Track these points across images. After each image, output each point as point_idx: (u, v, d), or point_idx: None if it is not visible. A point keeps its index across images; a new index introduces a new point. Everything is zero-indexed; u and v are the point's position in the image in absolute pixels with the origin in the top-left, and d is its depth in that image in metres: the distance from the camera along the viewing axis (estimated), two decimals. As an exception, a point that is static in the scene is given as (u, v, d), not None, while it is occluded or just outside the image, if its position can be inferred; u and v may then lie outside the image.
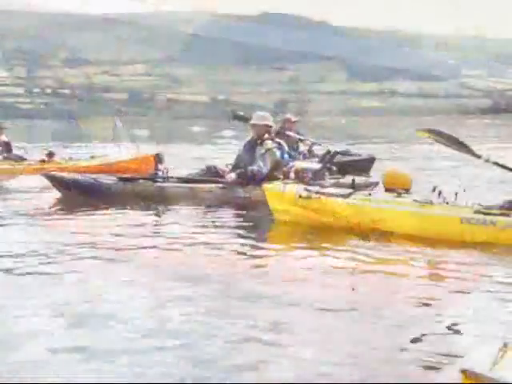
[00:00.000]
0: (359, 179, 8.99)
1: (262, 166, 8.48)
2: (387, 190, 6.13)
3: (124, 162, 11.74)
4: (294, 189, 6.76)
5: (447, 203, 5.68)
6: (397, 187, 7.52)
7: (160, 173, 8.58)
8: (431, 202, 5.73)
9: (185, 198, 8.20)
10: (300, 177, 8.68)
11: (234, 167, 8.73)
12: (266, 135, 8.78)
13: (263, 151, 8.58)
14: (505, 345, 1.98)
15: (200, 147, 24.31)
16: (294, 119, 11.16)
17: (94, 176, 8.63)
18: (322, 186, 6.93)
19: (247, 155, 8.76)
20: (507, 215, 5.15)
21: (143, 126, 51.01)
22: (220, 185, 8.37)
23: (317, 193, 6.54)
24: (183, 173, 9.57)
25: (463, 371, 1.81)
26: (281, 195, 6.85)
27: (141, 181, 8.52)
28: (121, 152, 11.63)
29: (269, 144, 8.67)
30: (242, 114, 10.00)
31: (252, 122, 8.79)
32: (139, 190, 8.31)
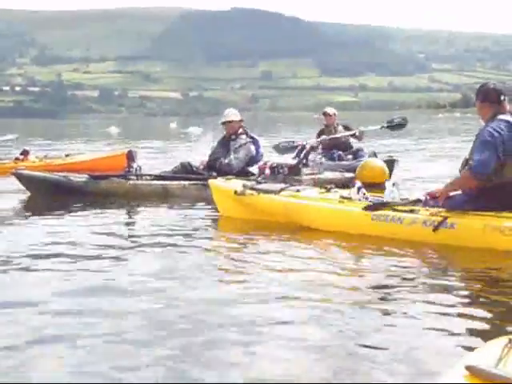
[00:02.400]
0: (342, 175, 8.97)
1: (232, 159, 8.44)
2: (363, 183, 6.08)
3: (97, 160, 11.58)
4: (233, 185, 6.71)
5: (366, 199, 5.70)
6: (370, 180, 7.54)
7: (133, 170, 8.44)
8: (350, 199, 5.76)
9: (158, 196, 8.08)
10: (275, 172, 8.66)
11: (209, 162, 8.67)
12: (240, 130, 8.74)
13: (237, 146, 8.54)
14: (510, 340, 1.93)
15: (173, 144, 24.19)
16: (331, 112, 10.84)
17: (64, 174, 8.45)
18: (293, 184, 6.86)
19: (222, 150, 8.72)
20: (416, 212, 5.21)
21: (115, 123, 50.93)
22: (194, 182, 8.27)
23: (251, 189, 6.48)
24: (157, 170, 9.46)
25: (468, 367, 1.76)
26: (222, 191, 6.83)
27: (113, 178, 8.38)
28: (94, 149, 11.40)
29: (243, 138, 8.64)
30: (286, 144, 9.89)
31: (222, 121, 8.76)
32: (112, 188, 8.18)
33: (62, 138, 31.18)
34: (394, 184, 5.71)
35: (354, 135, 10.41)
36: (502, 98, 5.12)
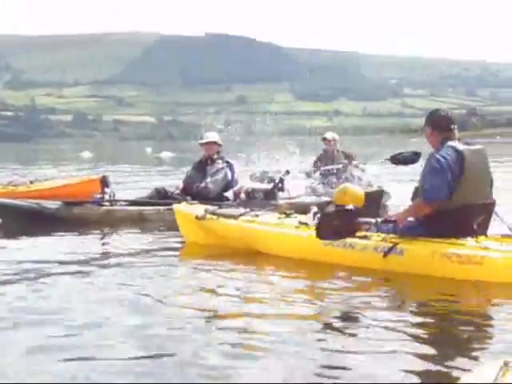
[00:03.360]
0: (318, 199, 8.92)
1: (209, 183, 8.40)
2: (337, 206, 6.06)
3: (62, 187, 11.35)
4: (196, 209, 6.70)
5: None
6: (347, 204, 7.52)
7: (107, 196, 8.34)
8: (306, 224, 5.74)
9: (133, 221, 7.98)
10: (251, 197, 8.61)
11: (185, 187, 8.62)
12: (216, 155, 8.73)
13: (214, 170, 8.52)
14: (505, 363, 1.89)
15: (147, 168, 24.07)
16: (329, 137, 10.74)
17: (36, 201, 8.30)
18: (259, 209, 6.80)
19: (198, 175, 8.72)
20: (368, 238, 5.23)
21: (89, 148, 50.62)
22: (169, 207, 8.18)
23: (211, 213, 6.46)
24: (131, 195, 9.37)
25: None
26: (184, 215, 6.81)
27: (87, 205, 8.26)
28: (65, 175, 11.20)
29: (220, 163, 8.62)
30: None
31: (203, 141, 8.73)
32: (85, 214, 8.07)
33: (35, 163, 30.91)
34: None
35: (346, 164, 10.24)
36: (453, 126, 5.16)
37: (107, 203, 8.31)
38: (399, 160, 10.43)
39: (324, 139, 10.83)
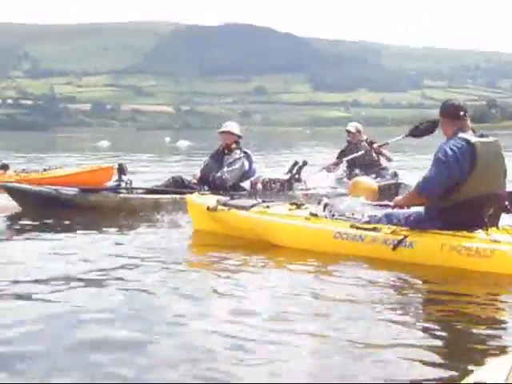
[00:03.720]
0: (334, 191, 8.93)
1: (226, 173, 8.37)
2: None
3: (73, 175, 11.44)
4: (208, 200, 6.69)
5: (333, 216, 5.65)
6: (359, 196, 7.56)
7: (123, 184, 8.34)
8: (316, 216, 5.70)
9: (149, 210, 7.97)
10: (268, 188, 8.60)
11: (202, 176, 8.61)
12: (234, 145, 8.67)
13: (231, 160, 8.47)
14: None
15: (164, 157, 24.12)
16: (352, 129, 10.46)
17: (54, 187, 8.32)
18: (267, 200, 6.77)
19: (215, 164, 8.67)
20: (378, 230, 5.20)
21: (106, 137, 50.81)
22: (185, 196, 8.17)
23: (223, 204, 6.44)
24: (148, 184, 9.37)
25: None
26: (196, 206, 6.81)
27: (103, 192, 8.27)
28: (82, 163, 11.22)
29: (237, 153, 8.57)
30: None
31: (221, 130, 8.67)
32: (101, 202, 8.07)
33: (53, 152, 31.07)
34: (364, 202, 5.74)
35: (369, 151, 9.94)
36: (461, 113, 5.10)
37: (124, 191, 8.31)
38: (419, 132, 10.06)
39: (348, 132, 10.60)
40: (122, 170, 8.38)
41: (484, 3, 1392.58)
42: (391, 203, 5.44)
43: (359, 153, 9.80)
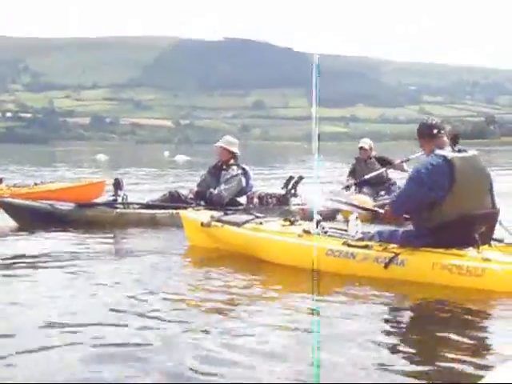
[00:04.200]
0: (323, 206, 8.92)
1: (222, 190, 8.34)
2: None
3: (64, 190, 11.39)
4: (202, 216, 6.69)
5: (325, 233, 5.62)
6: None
7: (119, 199, 8.32)
8: (309, 233, 5.66)
9: (146, 225, 7.96)
10: (264, 202, 8.59)
11: (199, 191, 8.58)
12: (232, 160, 8.64)
13: (228, 177, 8.43)
14: None
15: (162, 172, 24.12)
16: (366, 146, 10.17)
17: (50, 202, 8.30)
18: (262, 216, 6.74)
19: (212, 179, 8.64)
20: (369, 247, 5.17)
21: (105, 151, 50.85)
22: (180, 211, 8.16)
23: (217, 220, 6.44)
24: (144, 198, 9.34)
25: None
26: (190, 222, 6.81)
27: (100, 207, 8.25)
28: (76, 177, 11.19)
29: (235, 170, 8.53)
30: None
31: (218, 144, 8.64)
32: (97, 217, 8.04)
33: (50, 165, 31.07)
34: (356, 218, 5.60)
35: (387, 166, 9.72)
36: (435, 131, 5.07)
37: (120, 206, 8.29)
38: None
39: (360, 148, 10.18)
40: (118, 185, 8.35)
41: (485, 20, 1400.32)
42: (382, 210, 5.40)
43: (376, 172, 9.58)
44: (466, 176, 4.89)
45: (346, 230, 5.63)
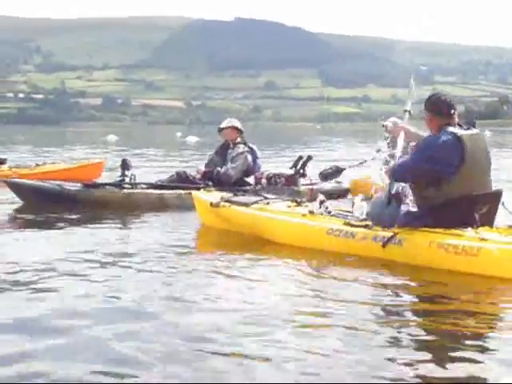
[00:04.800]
0: (339, 186, 8.93)
1: (229, 168, 8.35)
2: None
3: (65, 170, 11.55)
4: (212, 196, 6.75)
5: (329, 213, 5.61)
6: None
7: (127, 179, 8.30)
8: (312, 213, 5.66)
9: (153, 205, 7.94)
10: (272, 183, 8.54)
11: (206, 171, 8.59)
12: (239, 139, 8.66)
13: (234, 154, 8.45)
14: None
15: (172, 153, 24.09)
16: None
17: (58, 182, 8.30)
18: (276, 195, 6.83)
19: (219, 159, 8.66)
20: (370, 227, 5.12)
21: (116, 132, 50.90)
22: (189, 191, 8.13)
23: (226, 201, 6.48)
24: (153, 179, 9.32)
25: None
26: (201, 202, 6.87)
27: (107, 187, 8.23)
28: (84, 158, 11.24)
29: (241, 148, 8.54)
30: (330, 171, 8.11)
31: (221, 126, 8.69)
32: (105, 197, 8.02)
33: (62, 146, 31.12)
34: (362, 199, 5.58)
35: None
36: (453, 111, 4.96)
37: (128, 186, 8.27)
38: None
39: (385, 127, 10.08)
40: (125, 166, 8.33)
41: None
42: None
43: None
44: (474, 155, 4.83)
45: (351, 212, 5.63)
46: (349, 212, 5.67)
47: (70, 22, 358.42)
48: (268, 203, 6.27)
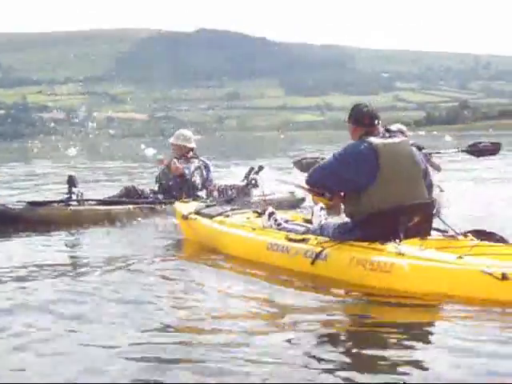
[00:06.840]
0: (292, 196, 8.84)
1: (195, 180, 8.30)
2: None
3: None
4: (188, 207, 6.77)
5: (279, 225, 5.53)
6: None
7: (74, 196, 8.08)
8: (263, 227, 5.60)
9: (101, 221, 7.75)
10: (224, 194, 8.43)
11: (159, 187, 8.48)
12: (191, 153, 8.58)
13: (192, 169, 8.33)
14: None
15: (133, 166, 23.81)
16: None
17: (1, 202, 8.03)
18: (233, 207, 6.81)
19: (170, 174, 8.47)
20: (306, 241, 5.00)
21: (78, 145, 50.17)
22: (139, 205, 7.97)
23: (195, 212, 6.46)
24: (102, 194, 9.12)
25: None
26: (178, 213, 6.97)
27: (53, 204, 8.00)
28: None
29: (196, 162, 8.46)
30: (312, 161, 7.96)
31: (171, 140, 8.56)
32: (51, 215, 7.79)
33: (21, 161, 30.59)
34: (321, 208, 5.42)
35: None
36: (376, 122, 4.84)
37: (74, 203, 8.05)
38: (478, 151, 8.95)
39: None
40: (71, 182, 8.12)
41: (457, 5, 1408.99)
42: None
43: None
44: (392, 163, 4.64)
45: (310, 221, 5.54)
46: (308, 221, 5.54)
47: (30, 37, 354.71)
48: (228, 216, 6.20)
